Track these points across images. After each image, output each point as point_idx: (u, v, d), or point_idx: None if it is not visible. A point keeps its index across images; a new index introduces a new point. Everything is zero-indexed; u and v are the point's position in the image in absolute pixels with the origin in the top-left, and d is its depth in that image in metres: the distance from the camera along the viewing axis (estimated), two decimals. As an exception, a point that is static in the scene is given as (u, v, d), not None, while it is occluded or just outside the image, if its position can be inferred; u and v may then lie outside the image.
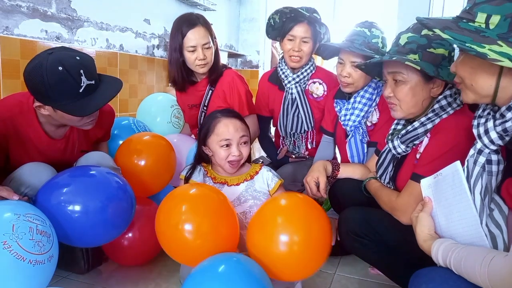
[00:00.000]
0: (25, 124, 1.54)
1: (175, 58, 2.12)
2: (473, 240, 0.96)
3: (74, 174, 1.42)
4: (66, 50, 1.45)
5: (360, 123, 1.83)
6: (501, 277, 0.81)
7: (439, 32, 0.93)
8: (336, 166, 1.66)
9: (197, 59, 2.08)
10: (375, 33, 1.77)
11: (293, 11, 2.09)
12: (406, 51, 1.30)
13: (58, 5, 2.58)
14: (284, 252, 1.22)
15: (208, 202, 1.31)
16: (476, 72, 0.96)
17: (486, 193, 0.97)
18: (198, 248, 1.25)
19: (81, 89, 1.40)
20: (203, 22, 2.10)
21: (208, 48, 2.10)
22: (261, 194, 1.58)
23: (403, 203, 1.31)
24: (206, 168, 1.65)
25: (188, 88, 2.26)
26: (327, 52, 2.03)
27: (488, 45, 0.87)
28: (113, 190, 1.43)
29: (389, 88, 1.36)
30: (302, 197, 1.35)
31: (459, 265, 0.91)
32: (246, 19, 5.10)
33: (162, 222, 1.30)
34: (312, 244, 1.24)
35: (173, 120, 2.48)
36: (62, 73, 1.35)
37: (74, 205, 1.32)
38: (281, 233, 1.23)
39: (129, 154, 1.80)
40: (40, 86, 1.37)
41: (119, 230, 1.47)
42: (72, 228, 1.32)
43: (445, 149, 1.25)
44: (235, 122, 1.57)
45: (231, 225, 1.33)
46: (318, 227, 1.27)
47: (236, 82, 2.18)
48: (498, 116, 0.96)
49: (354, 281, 1.64)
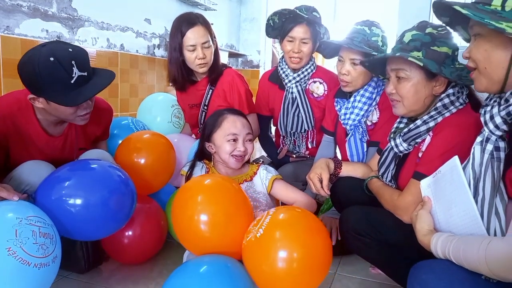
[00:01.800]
0: (24, 122, 1.54)
1: (175, 57, 2.12)
2: (472, 232, 0.98)
3: (74, 168, 1.41)
4: (60, 43, 1.46)
5: (360, 122, 1.82)
6: (498, 259, 0.83)
7: (459, 8, 0.97)
8: (338, 164, 1.65)
9: (196, 58, 2.08)
10: (375, 32, 1.77)
11: (292, 12, 2.09)
12: (410, 48, 1.30)
13: (59, 4, 2.58)
14: (282, 269, 1.17)
15: (223, 192, 1.33)
16: (490, 54, 0.99)
17: (499, 181, 0.99)
18: (214, 238, 1.27)
19: (73, 80, 1.40)
20: (202, 22, 2.11)
21: (207, 48, 2.10)
22: (261, 196, 1.58)
23: (405, 202, 1.30)
24: (208, 165, 1.66)
25: (188, 88, 2.26)
26: (327, 50, 2.03)
27: (506, 22, 0.91)
28: (114, 183, 1.41)
29: (391, 85, 1.37)
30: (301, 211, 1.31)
31: (458, 253, 0.92)
32: (247, 18, 5.10)
33: (178, 214, 1.33)
34: (312, 261, 1.20)
35: (173, 120, 2.48)
36: (53, 63, 1.36)
37: (74, 199, 1.31)
38: (280, 249, 1.17)
39: (128, 152, 1.80)
40: (32, 77, 1.38)
41: (120, 223, 1.46)
42: (72, 222, 1.31)
43: (447, 148, 1.24)
44: (242, 119, 1.63)
45: (247, 214, 1.34)
46: (318, 243, 1.22)
47: (236, 81, 2.18)
48: (502, 102, 0.99)
49: (355, 280, 1.64)
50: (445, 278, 0.93)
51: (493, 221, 0.96)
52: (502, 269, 0.83)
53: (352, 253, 1.69)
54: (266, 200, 1.59)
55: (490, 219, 0.96)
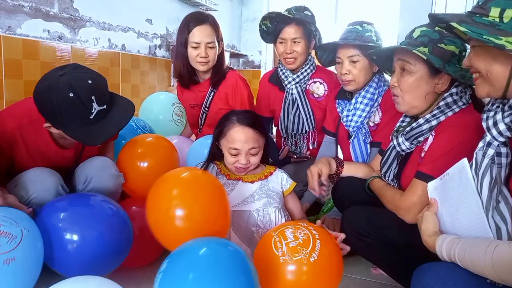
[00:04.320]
0: (34, 134, 1.52)
1: (181, 52, 2.13)
2: (478, 235, 0.97)
3: (73, 203, 1.41)
4: (78, 70, 1.40)
5: (363, 124, 1.82)
6: (504, 264, 0.82)
7: (456, 25, 0.96)
8: (340, 163, 1.65)
9: (198, 56, 2.09)
10: (367, 28, 1.78)
11: (280, 15, 2.09)
12: (417, 43, 1.31)
13: (61, 5, 2.58)
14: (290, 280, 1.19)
15: (199, 186, 1.31)
16: (490, 64, 0.98)
17: (495, 185, 0.98)
18: (187, 233, 1.24)
19: (92, 116, 1.37)
20: (211, 22, 2.11)
21: (211, 48, 2.10)
22: (274, 194, 1.60)
23: (407, 201, 1.30)
24: (219, 165, 1.65)
25: (190, 88, 2.26)
26: (325, 56, 2.01)
27: (505, 37, 0.90)
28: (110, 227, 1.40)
29: (395, 77, 1.38)
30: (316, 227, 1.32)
31: (464, 256, 0.91)
32: (248, 19, 5.11)
33: (152, 205, 1.30)
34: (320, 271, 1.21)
35: (175, 118, 2.48)
36: (72, 99, 1.32)
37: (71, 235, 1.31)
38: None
39: (132, 156, 1.80)
40: (49, 110, 1.35)
41: (119, 260, 1.47)
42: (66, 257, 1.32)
43: (450, 147, 1.24)
44: (248, 132, 1.55)
45: (223, 208, 1.33)
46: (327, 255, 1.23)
47: (239, 85, 2.19)
48: (506, 108, 0.98)
49: (357, 281, 1.64)
50: (449, 282, 0.92)
51: (491, 224, 0.96)
52: (508, 274, 0.82)
53: (354, 253, 1.68)
54: (279, 199, 1.61)
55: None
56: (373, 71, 1.80)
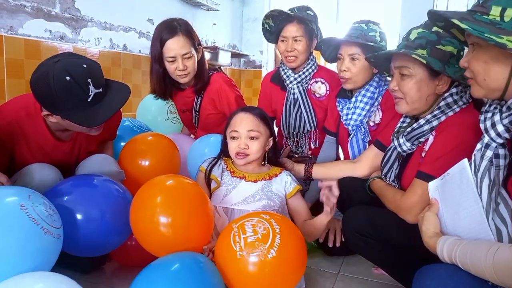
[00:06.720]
0: (32, 127, 1.53)
1: (155, 69, 2.05)
2: (479, 236, 0.97)
3: (76, 184, 1.45)
4: (72, 56, 1.42)
5: (362, 122, 1.82)
6: (506, 267, 0.82)
7: (458, 22, 0.95)
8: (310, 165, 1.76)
9: (177, 70, 2.00)
10: (372, 28, 1.78)
11: (282, 13, 2.09)
12: (415, 45, 1.30)
13: (62, 5, 2.59)
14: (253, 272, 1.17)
15: (183, 195, 1.32)
16: (489, 65, 0.97)
17: (494, 187, 0.97)
18: (170, 240, 1.27)
19: (89, 98, 1.38)
20: (184, 30, 1.99)
21: (189, 58, 2.00)
22: (276, 197, 1.57)
23: (408, 202, 1.30)
24: (226, 162, 1.65)
25: (177, 94, 2.22)
26: (328, 52, 2.01)
27: (506, 36, 0.89)
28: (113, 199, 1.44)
29: (394, 81, 1.37)
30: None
31: (465, 259, 0.91)
32: (250, 19, 5.11)
33: (137, 210, 1.32)
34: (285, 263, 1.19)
35: (170, 116, 2.48)
36: (69, 83, 1.33)
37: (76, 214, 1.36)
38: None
39: (133, 154, 1.80)
40: (47, 96, 1.35)
41: (122, 238, 1.49)
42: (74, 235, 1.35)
43: (450, 147, 1.24)
44: (248, 117, 1.58)
45: (206, 217, 1.35)
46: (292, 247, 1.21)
47: (224, 89, 2.12)
48: (504, 110, 0.97)
49: (358, 281, 1.64)
50: (450, 284, 0.92)
51: (491, 226, 0.95)
52: (509, 277, 0.82)
53: (355, 253, 1.69)
54: (281, 202, 1.58)
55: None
56: (373, 71, 1.80)
